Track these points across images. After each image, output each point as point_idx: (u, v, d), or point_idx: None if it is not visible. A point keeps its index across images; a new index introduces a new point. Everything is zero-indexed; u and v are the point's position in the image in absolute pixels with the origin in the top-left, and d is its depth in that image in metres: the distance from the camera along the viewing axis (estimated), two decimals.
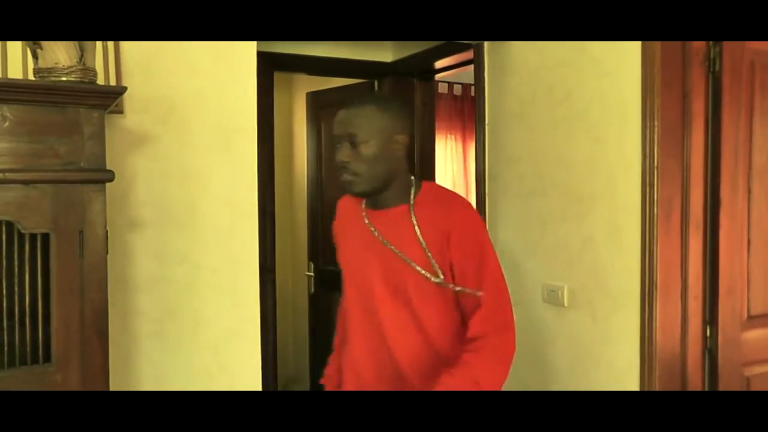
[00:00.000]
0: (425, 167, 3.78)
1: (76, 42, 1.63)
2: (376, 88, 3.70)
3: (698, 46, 2.10)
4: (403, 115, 1.70)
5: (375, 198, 1.73)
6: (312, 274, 3.75)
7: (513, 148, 2.72)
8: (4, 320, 1.64)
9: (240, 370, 2.24)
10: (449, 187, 5.41)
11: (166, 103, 2.11)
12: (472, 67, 3.11)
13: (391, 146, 1.66)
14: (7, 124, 1.55)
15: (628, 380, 2.15)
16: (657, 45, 2.05)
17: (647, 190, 2.08)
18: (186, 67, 2.17)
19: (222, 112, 2.22)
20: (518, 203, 2.69)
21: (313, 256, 3.79)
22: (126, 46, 2.06)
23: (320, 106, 3.87)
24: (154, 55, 2.10)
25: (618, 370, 2.20)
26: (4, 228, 1.59)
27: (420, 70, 3.65)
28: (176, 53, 2.13)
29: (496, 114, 2.84)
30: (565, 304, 2.41)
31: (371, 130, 1.64)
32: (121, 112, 2.06)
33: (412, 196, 1.70)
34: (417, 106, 3.76)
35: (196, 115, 2.19)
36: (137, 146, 2.09)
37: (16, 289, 1.61)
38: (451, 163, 5.61)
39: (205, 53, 2.18)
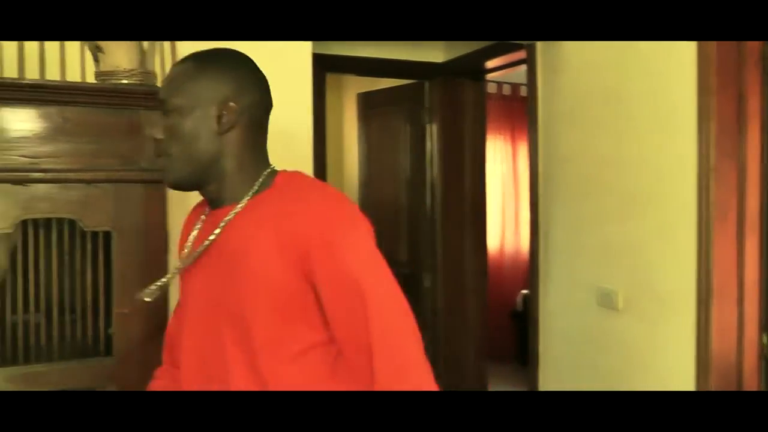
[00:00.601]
0: (476, 169, 3.78)
1: (136, 45, 1.69)
2: (426, 89, 3.71)
3: (753, 46, 2.06)
4: (235, 75, 1.23)
5: (206, 192, 1.27)
6: None
7: (565, 148, 2.70)
8: (68, 314, 1.71)
9: None
10: (498, 188, 5.41)
11: None
12: (521, 66, 3.10)
13: (216, 118, 1.20)
14: (68, 125, 1.61)
15: (683, 386, 2.12)
16: (712, 45, 2.02)
17: (703, 191, 2.05)
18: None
19: (277, 114, 2.25)
20: (571, 204, 2.67)
21: None
22: (181, 47, 2.11)
23: (370, 106, 3.90)
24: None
25: (673, 375, 2.17)
26: (67, 226, 1.66)
27: (471, 70, 3.65)
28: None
29: (549, 114, 2.82)
30: (619, 308, 2.38)
31: (186, 95, 1.20)
32: None
33: (252, 191, 1.23)
34: (468, 106, 3.76)
35: None
36: None
37: (78, 284, 1.68)
38: (500, 164, 5.58)
39: (259, 54, 2.20)
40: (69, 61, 2.03)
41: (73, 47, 2.03)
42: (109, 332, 1.66)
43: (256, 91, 1.26)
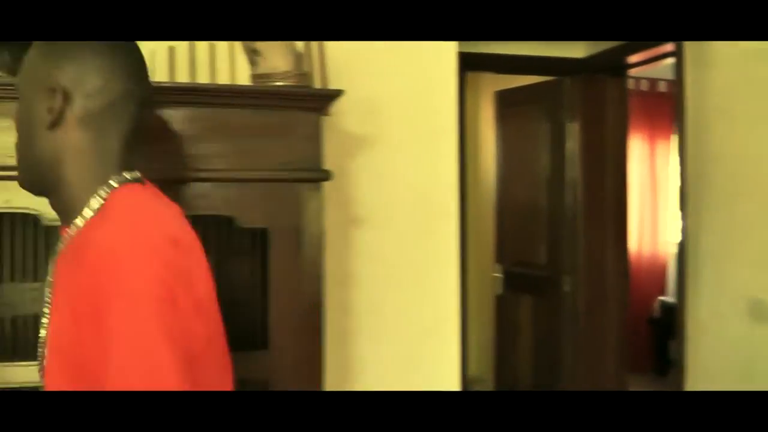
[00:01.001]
0: (618, 168, 3.65)
1: (291, 47, 1.72)
2: (565, 85, 3.62)
3: None
4: (75, 55, 0.99)
5: (52, 206, 1.05)
6: (499, 275, 3.74)
7: (717, 146, 2.56)
8: (224, 308, 1.77)
9: (437, 368, 2.27)
10: (635, 189, 5.19)
11: (368, 104, 2.17)
12: (663, 60, 2.96)
13: (40, 108, 0.98)
14: (226, 127, 1.66)
15: None
16: None
17: None
18: (388, 68, 2.22)
19: (423, 113, 2.26)
20: (722, 206, 2.52)
21: (500, 257, 3.78)
22: (330, 47, 2.14)
23: (507, 104, 3.86)
24: (356, 56, 2.17)
25: None
26: (224, 223, 1.72)
27: (612, 66, 3.53)
28: (378, 54, 2.19)
29: (698, 110, 2.67)
30: None
31: (22, 78, 1.02)
32: (326, 114, 2.15)
33: (85, 212, 0.98)
34: (609, 104, 3.64)
35: (398, 116, 2.24)
36: (339, 146, 2.16)
37: (236, 279, 1.74)
38: (638, 164, 5.36)
39: (406, 54, 2.22)
40: (218, 64, 2.10)
41: (222, 50, 2.09)
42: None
43: (102, 77, 0.99)
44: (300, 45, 1.74)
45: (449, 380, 2.30)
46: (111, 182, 0.99)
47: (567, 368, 3.61)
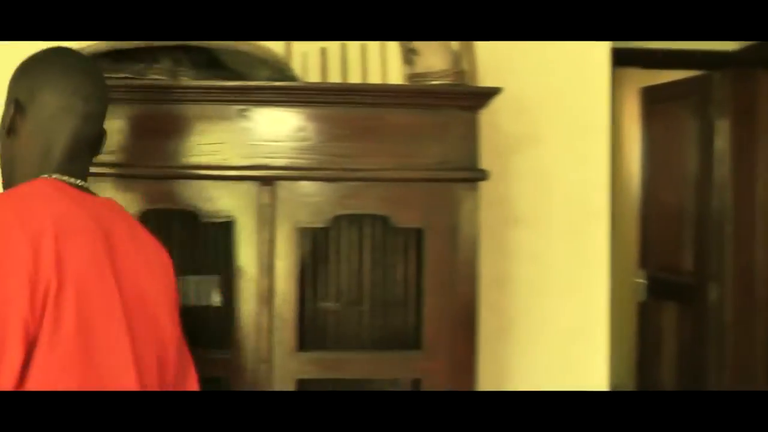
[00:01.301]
0: None
1: (448, 47, 1.71)
2: (715, 81, 3.44)
3: None
4: (36, 72, 1.15)
5: None
6: (642, 281, 3.60)
7: None
8: (377, 306, 1.78)
9: (585, 373, 2.21)
10: None
11: (518, 103, 2.13)
12: None
13: (5, 117, 1.15)
14: (384, 126, 1.66)
15: None
16: None
17: None
18: (538, 67, 2.18)
19: (574, 111, 2.21)
20: None
21: (643, 262, 3.64)
22: (478, 46, 2.11)
23: (653, 101, 3.71)
24: (505, 54, 2.13)
25: None
26: (380, 222, 1.73)
27: (766, 59, 3.31)
28: (528, 52, 2.15)
29: None
30: None
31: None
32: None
33: None
34: (762, 100, 3.42)
35: (548, 114, 2.20)
36: (490, 145, 2.13)
37: (390, 278, 1.74)
38: None
39: (557, 52, 2.17)
40: (370, 63, 2.12)
41: (373, 49, 2.11)
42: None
43: (48, 93, 1.12)
44: (455, 44, 1.72)
45: (597, 385, 2.24)
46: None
47: (712, 383, 3.42)
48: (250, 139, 1.62)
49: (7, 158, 1.15)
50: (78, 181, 1.13)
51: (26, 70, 1.15)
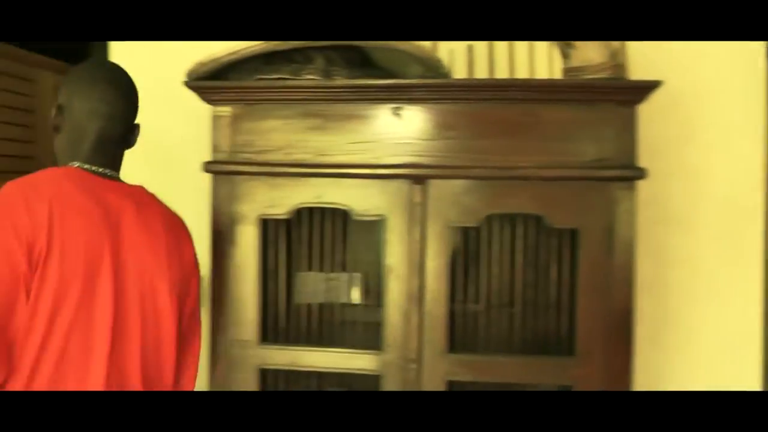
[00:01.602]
0: None
1: (606, 41, 1.64)
2: None
3: None
4: (72, 80, 1.43)
5: None
6: None
7: None
8: (529, 308, 1.74)
9: (738, 380, 2.09)
10: None
11: (667, 98, 2.03)
12: None
13: (53, 120, 1.44)
14: (538, 123, 1.61)
15: None
16: None
17: None
18: (690, 61, 2.07)
19: (727, 108, 2.08)
20: None
21: None
22: (631, 46, 2.04)
23: None
24: (657, 49, 2.03)
25: None
26: (533, 222, 1.69)
27: None
28: (679, 47, 2.04)
29: None
30: None
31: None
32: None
33: None
34: None
35: (699, 110, 2.08)
36: (643, 142, 2.06)
37: (542, 281, 1.70)
38: None
39: (710, 47, 2.06)
40: (517, 60, 2.07)
41: (521, 46, 2.05)
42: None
43: (84, 100, 1.37)
44: (617, 42, 1.64)
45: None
46: None
47: None
48: (402, 137, 1.61)
49: (55, 150, 1.41)
50: (100, 169, 1.36)
51: (67, 81, 1.41)
